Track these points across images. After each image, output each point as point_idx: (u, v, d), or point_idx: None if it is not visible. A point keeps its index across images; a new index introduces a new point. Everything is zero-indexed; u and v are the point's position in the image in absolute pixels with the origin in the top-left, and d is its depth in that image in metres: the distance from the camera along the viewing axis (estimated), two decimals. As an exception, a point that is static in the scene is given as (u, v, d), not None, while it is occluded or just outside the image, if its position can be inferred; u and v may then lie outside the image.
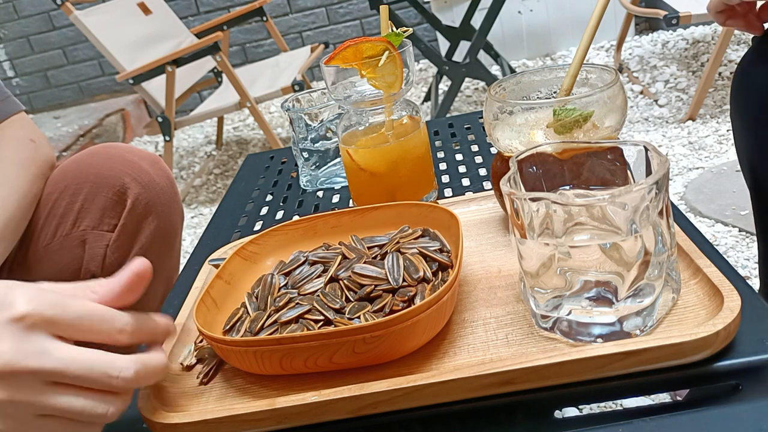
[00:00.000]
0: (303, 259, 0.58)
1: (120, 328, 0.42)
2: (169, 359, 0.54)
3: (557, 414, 0.43)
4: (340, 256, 0.56)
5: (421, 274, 0.52)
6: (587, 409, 0.74)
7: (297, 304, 0.52)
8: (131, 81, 2.28)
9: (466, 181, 0.83)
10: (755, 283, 1.36)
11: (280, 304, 0.53)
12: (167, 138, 2.34)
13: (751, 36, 0.77)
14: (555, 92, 0.61)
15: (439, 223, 0.59)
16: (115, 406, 0.41)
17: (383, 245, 0.57)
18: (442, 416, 0.45)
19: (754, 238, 1.49)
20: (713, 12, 0.72)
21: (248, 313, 0.54)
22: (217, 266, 0.65)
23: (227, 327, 0.53)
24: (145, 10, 2.60)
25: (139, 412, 0.48)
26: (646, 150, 0.47)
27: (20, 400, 0.39)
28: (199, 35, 2.68)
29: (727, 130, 2.02)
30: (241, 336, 0.51)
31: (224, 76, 2.58)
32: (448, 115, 2.44)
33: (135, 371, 0.41)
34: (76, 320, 0.40)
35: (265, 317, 0.52)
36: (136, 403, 0.48)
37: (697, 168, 1.85)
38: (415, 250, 0.55)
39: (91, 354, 0.40)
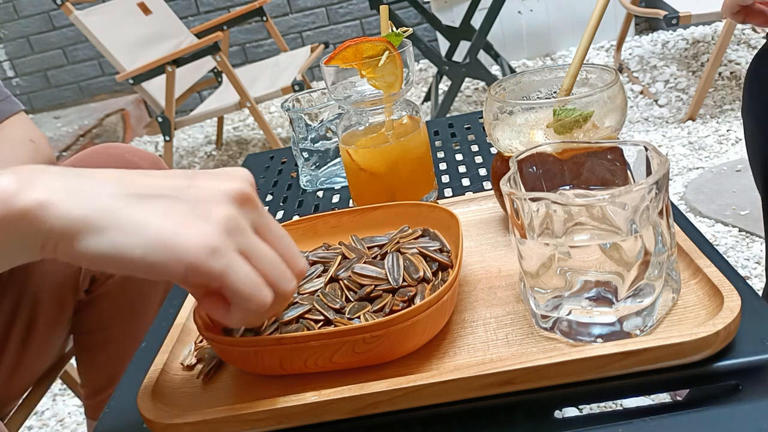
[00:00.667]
0: (303, 259, 0.58)
1: (300, 260, 0.44)
2: (169, 359, 0.54)
3: (557, 414, 0.43)
4: (340, 256, 0.56)
5: (421, 274, 0.52)
6: (587, 409, 0.74)
7: (297, 304, 0.52)
8: (131, 81, 2.28)
9: (466, 181, 0.83)
10: (755, 283, 1.36)
11: (280, 304, 0.53)
12: (167, 138, 2.34)
13: (760, 35, 0.77)
14: (555, 92, 0.61)
15: (439, 223, 0.59)
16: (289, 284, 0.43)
17: (383, 245, 0.57)
18: (442, 416, 0.45)
19: (754, 238, 1.49)
20: (729, 13, 0.72)
21: (248, 313, 0.54)
22: (217, 266, 0.65)
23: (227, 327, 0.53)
24: (145, 10, 2.61)
25: (139, 412, 0.48)
26: (646, 150, 0.47)
27: (241, 224, 0.40)
28: (199, 35, 2.68)
29: (727, 130, 2.02)
30: (241, 336, 0.51)
31: (224, 76, 2.58)
32: (448, 115, 2.44)
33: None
34: (275, 226, 0.43)
35: (265, 317, 0.52)
36: (136, 403, 0.48)
37: (697, 168, 1.85)
38: (415, 250, 0.55)
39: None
